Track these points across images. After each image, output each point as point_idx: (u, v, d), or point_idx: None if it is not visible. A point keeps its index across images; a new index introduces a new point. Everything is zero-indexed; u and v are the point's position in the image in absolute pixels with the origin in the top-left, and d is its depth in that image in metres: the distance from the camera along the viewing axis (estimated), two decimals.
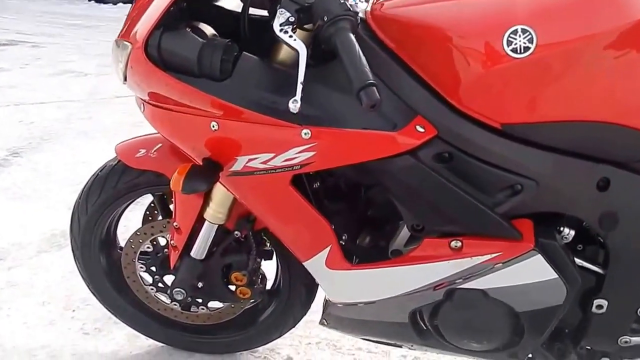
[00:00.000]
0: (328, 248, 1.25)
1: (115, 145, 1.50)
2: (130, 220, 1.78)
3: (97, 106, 4.38)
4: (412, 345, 1.42)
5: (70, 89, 4.77)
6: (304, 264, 1.32)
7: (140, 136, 1.52)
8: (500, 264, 1.17)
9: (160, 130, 1.27)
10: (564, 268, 1.16)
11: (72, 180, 2.88)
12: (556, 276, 1.16)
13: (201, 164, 1.23)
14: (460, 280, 1.22)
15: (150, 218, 1.61)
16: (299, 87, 1.01)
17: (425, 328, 1.34)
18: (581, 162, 1.12)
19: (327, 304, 1.46)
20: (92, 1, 10.17)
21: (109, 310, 1.73)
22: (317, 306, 1.65)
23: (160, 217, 1.59)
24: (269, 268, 1.64)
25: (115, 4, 9.77)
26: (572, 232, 1.20)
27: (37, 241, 2.39)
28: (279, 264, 1.61)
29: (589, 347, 1.33)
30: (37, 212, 2.63)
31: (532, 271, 1.16)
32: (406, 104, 1.11)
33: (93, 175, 1.54)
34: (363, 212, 1.34)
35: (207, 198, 1.40)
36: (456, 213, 1.16)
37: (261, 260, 1.59)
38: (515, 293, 1.20)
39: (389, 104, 1.10)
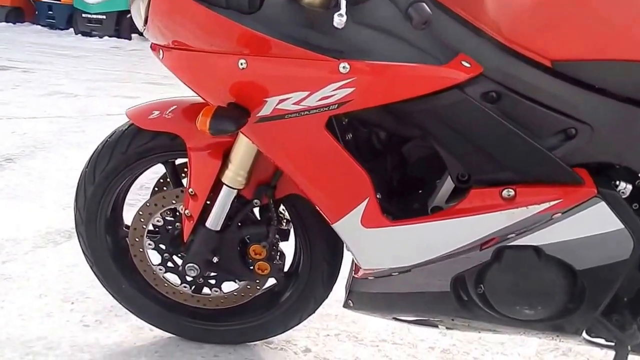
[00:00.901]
0: (365, 202, 1.12)
1: (126, 110, 1.37)
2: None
3: (89, 122, 4.28)
4: (452, 320, 1.27)
5: (61, 107, 4.70)
6: (334, 225, 1.18)
7: (153, 100, 1.39)
8: (559, 214, 1.05)
9: (183, 76, 1.15)
10: (628, 218, 1.05)
11: (65, 183, 2.77)
12: (622, 226, 1.04)
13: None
14: (512, 235, 1.09)
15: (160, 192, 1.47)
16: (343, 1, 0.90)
17: (468, 297, 1.20)
18: (635, 108, 1.02)
19: (352, 282, 1.32)
20: (80, 34, 10.33)
21: (111, 294, 1.57)
22: (331, 300, 1.54)
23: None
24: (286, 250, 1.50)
25: (101, 37, 9.96)
26: (629, 187, 1.09)
27: (32, 237, 2.24)
28: (299, 241, 1.47)
29: None
30: (31, 211, 2.49)
31: (596, 221, 1.05)
32: (448, 42, 1.01)
33: (102, 142, 1.40)
34: (399, 169, 1.21)
35: (225, 160, 1.28)
36: (508, 156, 1.04)
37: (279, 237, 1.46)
38: (576, 248, 1.08)
39: (431, 40, 1.01)
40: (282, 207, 1.48)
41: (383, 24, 1.02)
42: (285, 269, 1.54)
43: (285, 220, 1.51)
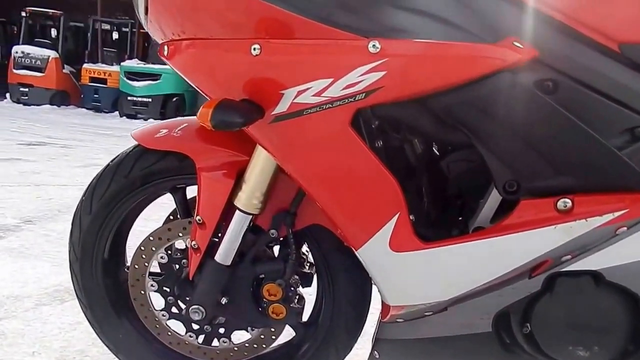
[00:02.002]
0: (395, 219, 0.96)
1: (132, 132, 1.27)
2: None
3: None
4: None
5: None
6: (359, 252, 1.02)
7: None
8: (624, 228, 0.88)
9: (190, 72, 1.04)
10: None
11: None
12: None
13: None
14: (568, 257, 0.92)
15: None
16: None
17: (512, 340, 1.01)
18: None
19: (379, 328, 1.14)
20: (125, 117, 10.61)
21: (107, 345, 1.40)
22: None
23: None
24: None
25: (146, 119, 10.13)
26: None
27: (37, 295, 2.11)
28: (320, 282, 1.30)
29: None
30: (42, 270, 2.38)
31: None
32: (495, 21, 0.88)
33: (104, 167, 1.29)
34: (436, 186, 1.06)
35: (238, 181, 1.15)
36: (566, 155, 0.88)
37: (299, 278, 1.30)
38: None
39: (474, 19, 0.87)
40: (305, 249, 1.34)
41: (419, 2, 0.89)
42: (305, 319, 1.37)
43: (308, 264, 1.36)
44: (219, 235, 1.20)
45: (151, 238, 1.28)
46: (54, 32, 12.19)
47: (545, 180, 0.90)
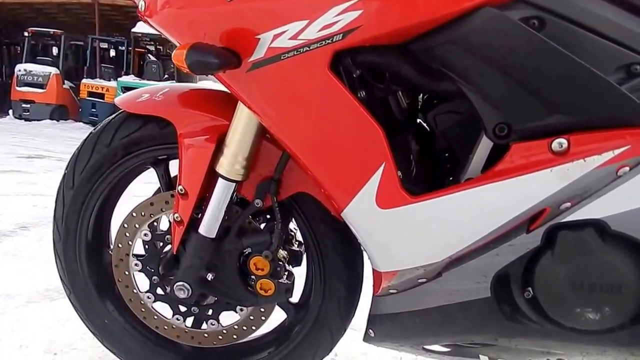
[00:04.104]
0: (380, 171, 0.92)
1: (115, 99, 1.24)
2: None
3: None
4: (496, 339, 1.02)
5: None
6: (345, 213, 0.98)
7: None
8: (627, 168, 0.83)
9: (166, 25, 1.02)
10: None
11: None
12: None
13: None
14: (567, 205, 0.87)
15: None
16: None
17: (514, 306, 0.96)
18: None
19: (372, 304, 1.10)
20: None
21: (92, 332, 1.36)
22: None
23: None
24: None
25: None
26: None
27: (28, 293, 2.08)
28: (309, 258, 1.26)
29: None
30: (34, 271, 2.35)
31: None
32: None
33: (86, 136, 1.26)
34: (424, 141, 1.02)
35: (219, 146, 1.11)
36: (559, 90, 0.84)
37: (288, 257, 1.26)
38: None
39: None
40: (294, 226, 1.30)
41: None
42: (297, 300, 1.32)
43: (297, 242, 1.31)
44: (203, 207, 1.16)
45: (134, 214, 1.24)
46: (55, 51, 12.45)
47: (538, 120, 0.85)
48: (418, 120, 1.07)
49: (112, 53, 12.89)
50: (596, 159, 0.83)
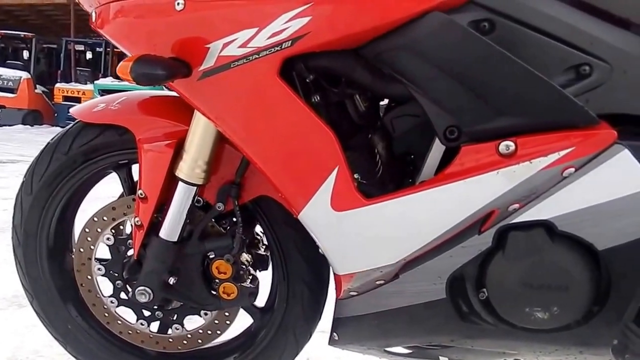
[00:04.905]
0: (334, 174, 0.95)
1: (71, 109, 1.27)
2: None
3: (91, 203, 4.21)
4: (452, 340, 1.05)
5: None
6: (301, 216, 1.01)
7: None
8: (572, 169, 0.87)
9: (118, 35, 1.05)
10: None
11: None
12: None
13: None
14: (516, 206, 0.91)
15: None
16: None
17: (470, 307, 1.00)
18: None
19: (335, 307, 1.12)
20: None
21: (56, 338, 1.37)
22: None
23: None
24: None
25: None
26: None
27: None
28: (274, 261, 1.28)
29: None
30: (2, 276, 2.34)
31: (618, 177, 0.86)
32: None
33: (44, 146, 1.27)
34: (381, 144, 1.05)
35: (179, 151, 1.13)
36: (505, 94, 0.87)
37: (255, 261, 1.28)
38: (595, 219, 0.88)
39: None
40: (260, 230, 1.32)
41: None
42: (263, 304, 1.35)
43: (264, 246, 1.34)
44: (164, 211, 1.18)
45: (95, 219, 1.26)
46: (26, 54, 12.30)
47: (486, 123, 0.89)
48: (377, 122, 1.10)
49: (89, 55, 12.79)
50: (542, 161, 0.86)
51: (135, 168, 1.28)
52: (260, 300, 1.33)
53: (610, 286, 0.91)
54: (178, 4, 0.94)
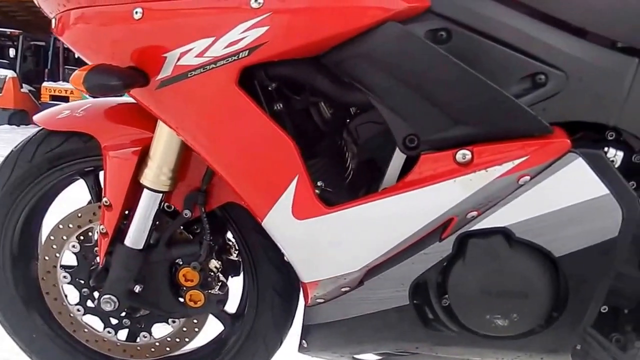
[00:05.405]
0: (294, 183, 0.96)
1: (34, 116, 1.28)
2: None
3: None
4: (417, 347, 1.07)
5: None
6: (264, 223, 1.02)
7: None
8: (527, 177, 0.89)
9: (77, 43, 1.06)
10: (614, 180, 0.88)
11: None
12: (606, 191, 0.88)
13: None
14: (474, 214, 0.93)
15: None
16: None
17: (433, 314, 1.01)
18: (621, 55, 0.91)
19: (304, 314, 1.14)
20: None
21: (22, 348, 1.37)
22: None
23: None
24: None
25: None
26: (620, 154, 0.93)
27: None
28: (243, 268, 1.29)
29: None
30: None
31: (572, 185, 0.89)
32: None
33: (7, 154, 1.28)
34: (346, 151, 1.07)
35: (144, 157, 1.14)
36: (461, 104, 0.90)
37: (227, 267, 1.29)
38: (551, 226, 0.90)
39: None
40: (231, 235, 1.33)
41: None
42: (234, 311, 1.36)
43: (236, 252, 1.35)
44: (129, 219, 1.19)
45: (60, 226, 1.27)
46: (12, 52, 12.22)
47: (444, 132, 0.91)
48: (342, 129, 1.12)
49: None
50: (497, 169, 0.88)
51: (102, 175, 1.29)
52: (232, 307, 1.35)
53: (568, 292, 0.93)
54: (136, 12, 0.96)
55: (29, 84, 12.12)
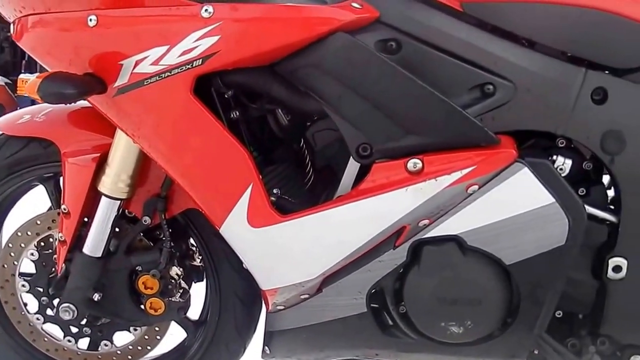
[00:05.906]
0: (248, 192, 0.99)
1: None
2: None
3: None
4: (377, 355, 1.10)
5: None
6: (222, 230, 1.05)
7: None
8: (476, 186, 0.92)
9: (35, 49, 1.08)
10: (560, 189, 0.92)
11: None
12: (552, 200, 0.91)
13: None
14: (426, 222, 0.96)
15: None
16: None
17: (392, 321, 1.04)
18: (568, 65, 0.94)
19: (266, 321, 1.16)
20: None
21: None
22: None
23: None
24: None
25: None
26: (569, 162, 0.97)
27: None
28: (206, 272, 1.31)
29: (611, 337, 1.02)
30: None
31: (519, 194, 0.93)
32: None
33: None
34: (302, 158, 1.10)
35: (101, 165, 1.16)
36: (411, 114, 0.93)
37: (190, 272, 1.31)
38: (501, 234, 0.94)
39: None
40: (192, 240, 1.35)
41: None
42: (197, 318, 1.37)
43: (200, 257, 1.36)
44: (88, 226, 1.20)
45: (19, 233, 1.28)
46: None
47: (396, 141, 0.94)
48: (299, 137, 1.14)
49: None
50: (447, 179, 0.92)
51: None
52: (195, 313, 1.36)
53: (520, 299, 0.96)
54: (90, 19, 0.97)
55: (6, 76, 11.94)
